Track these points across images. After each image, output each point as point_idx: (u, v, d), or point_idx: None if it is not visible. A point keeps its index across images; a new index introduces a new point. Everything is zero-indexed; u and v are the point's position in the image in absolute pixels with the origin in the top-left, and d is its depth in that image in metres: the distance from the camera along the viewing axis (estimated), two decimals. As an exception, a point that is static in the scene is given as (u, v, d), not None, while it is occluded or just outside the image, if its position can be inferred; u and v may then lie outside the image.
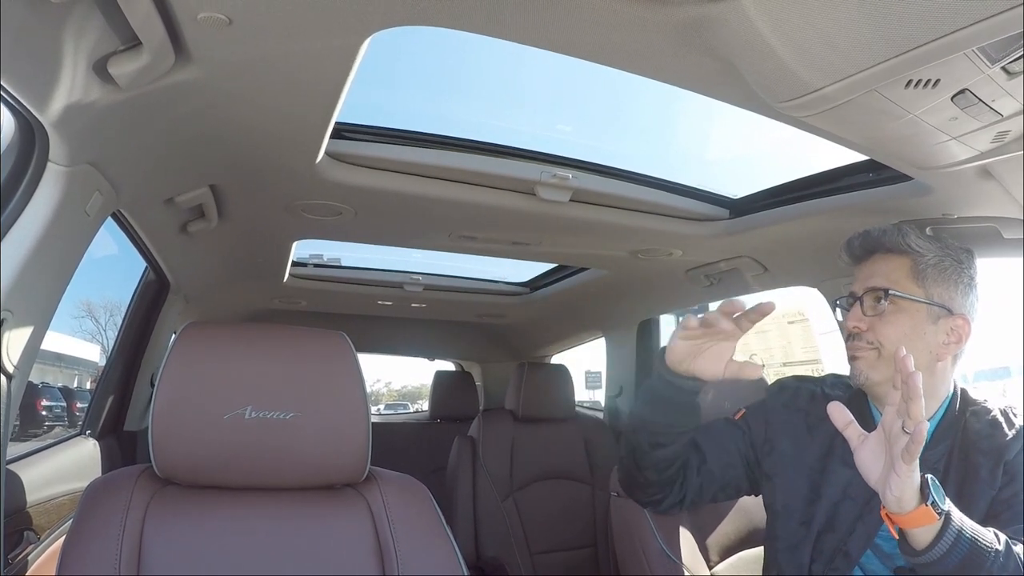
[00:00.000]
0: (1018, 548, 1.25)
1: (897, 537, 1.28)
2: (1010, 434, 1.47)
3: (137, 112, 1.37)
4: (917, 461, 1.19)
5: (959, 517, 1.23)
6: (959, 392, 1.56)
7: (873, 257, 1.60)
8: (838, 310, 1.66)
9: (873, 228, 1.60)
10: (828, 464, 1.57)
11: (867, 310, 1.53)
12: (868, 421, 1.55)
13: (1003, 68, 1.12)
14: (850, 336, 1.57)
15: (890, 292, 1.51)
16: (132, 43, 1.17)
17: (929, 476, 1.22)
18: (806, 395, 1.69)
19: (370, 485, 1.44)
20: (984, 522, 1.31)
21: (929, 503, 1.19)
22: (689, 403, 1.53)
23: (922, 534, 1.22)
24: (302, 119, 1.53)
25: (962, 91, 1.18)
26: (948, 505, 1.22)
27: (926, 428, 1.16)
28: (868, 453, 1.27)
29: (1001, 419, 1.49)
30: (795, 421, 1.65)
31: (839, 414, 1.31)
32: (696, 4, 1.07)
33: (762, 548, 1.88)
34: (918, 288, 1.51)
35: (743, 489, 1.72)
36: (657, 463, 1.59)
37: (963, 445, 1.48)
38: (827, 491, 1.55)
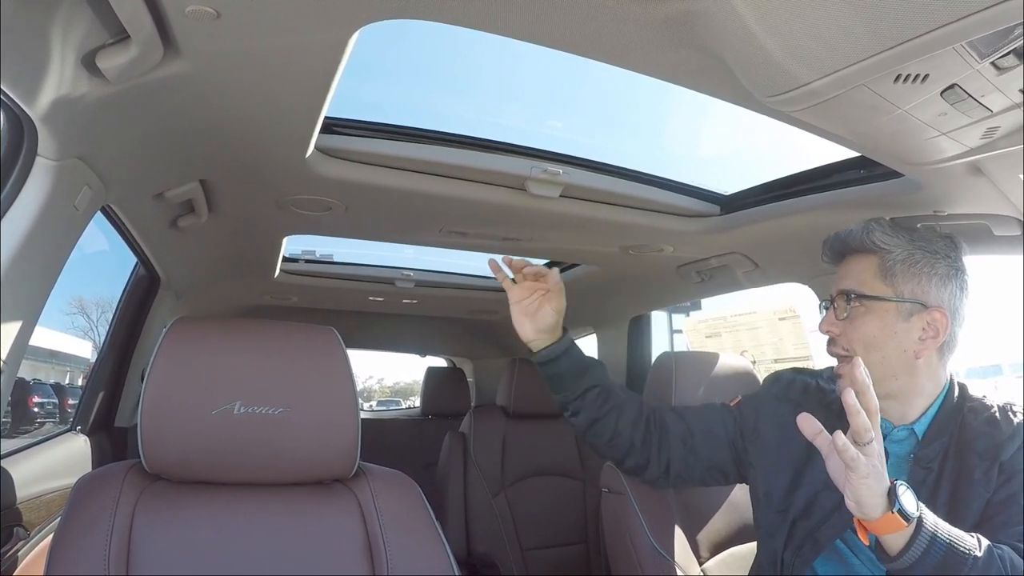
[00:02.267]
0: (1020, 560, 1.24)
1: (867, 543, 1.28)
2: (1007, 433, 1.44)
3: (126, 106, 1.36)
4: (874, 472, 1.19)
5: (933, 521, 1.22)
6: (956, 387, 1.54)
7: (846, 259, 1.60)
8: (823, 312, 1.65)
9: (843, 229, 1.59)
10: (812, 454, 1.55)
11: (838, 313, 1.53)
12: None
13: (993, 63, 1.12)
14: (828, 341, 1.57)
15: (854, 294, 1.50)
16: (120, 36, 1.17)
17: (899, 481, 1.22)
18: (799, 387, 1.69)
19: (359, 481, 1.44)
20: (978, 524, 1.31)
21: (895, 510, 1.19)
22: (570, 366, 1.67)
23: (893, 540, 1.22)
24: (292, 113, 1.53)
25: (951, 86, 1.18)
26: (921, 510, 1.22)
27: (845, 442, 1.18)
28: (836, 461, 1.25)
29: (999, 417, 1.47)
30: (784, 411, 1.64)
31: (808, 425, 1.30)
32: (684, -2, 1.07)
33: (752, 544, 1.89)
34: (886, 287, 1.49)
35: (730, 475, 1.73)
36: (595, 422, 1.67)
37: (959, 443, 1.46)
38: (808, 480, 1.55)
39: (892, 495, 1.20)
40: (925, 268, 1.49)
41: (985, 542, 1.24)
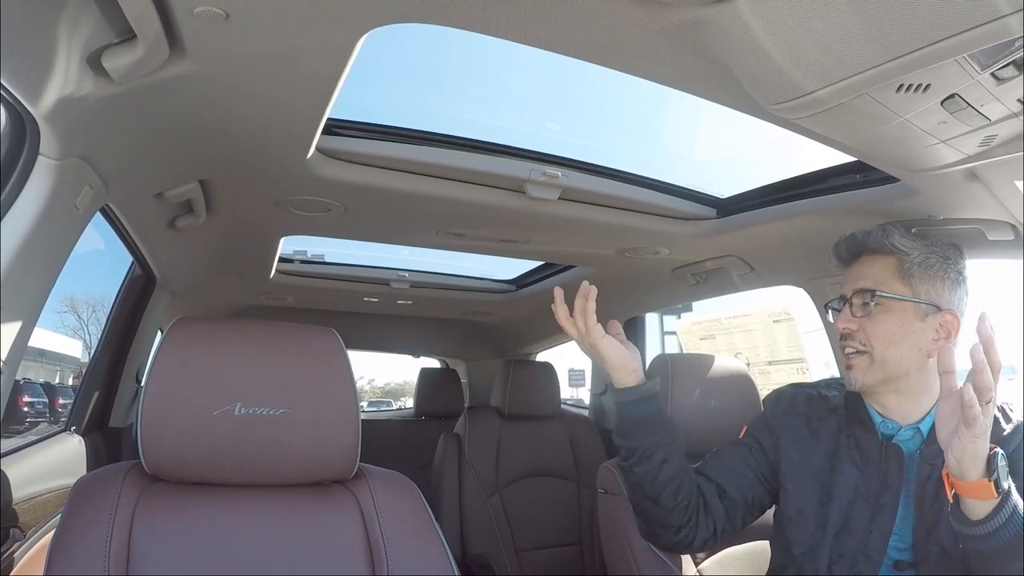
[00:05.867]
0: None
1: (952, 501, 1.28)
2: (1007, 429, 1.47)
3: (130, 106, 1.36)
4: (985, 434, 1.20)
5: (1017, 496, 1.24)
6: None
7: (860, 259, 1.61)
8: (830, 312, 1.66)
9: (859, 231, 1.61)
10: (836, 464, 1.57)
11: (856, 311, 1.55)
12: (866, 421, 1.57)
13: (992, 74, 1.14)
14: (841, 337, 1.58)
15: (877, 293, 1.52)
16: (127, 36, 1.16)
17: (1000, 451, 1.23)
18: (803, 399, 1.70)
19: (359, 482, 1.44)
20: None
21: (992, 479, 1.21)
22: (656, 410, 1.57)
23: (977, 506, 1.23)
24: (295, 114, 1.53)
25: (952, 96, 1.20)
26: (1009, 483, 1.24)
27: (973, 397, 1.17)
28: (947, 408, 1.27)
29: (999, 415, 1.49)
30: (797, 425, 1.65)
31: (947, 360, 1.28)
32: (692, 6, 1.08)
33: (749, 544, 1.90)
34: (904, 287, 1.52)
35: (766, 504, 1.71)
36: (667, 484, 1.56)
37: None
38: (838, 492, 1.55)
39: (992, 463, 1.22)
40: (939, 272, 1.53)
41: None
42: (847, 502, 1.53)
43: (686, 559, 1.90)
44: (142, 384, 1.37)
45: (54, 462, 1.97)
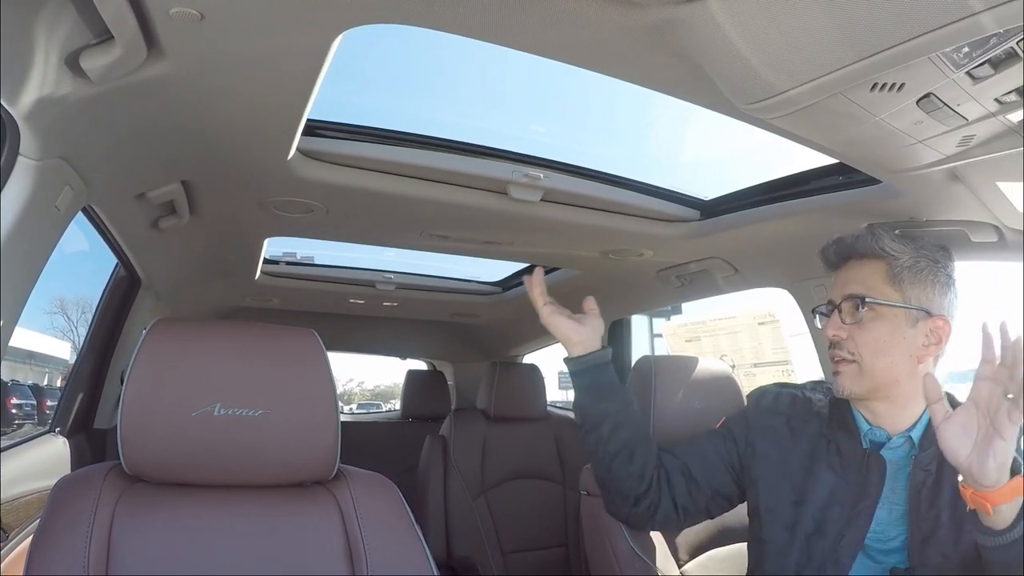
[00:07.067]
0: None
1: (974, 516, 1.26)
2: None
3: (109, 106, 1.36)
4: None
5: None
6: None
7: (848, 263, 1.59)
8: (818, 317, 1.63)
9: (847, 234, 1.59)
10: (813, 467, 1.55)
11: (846, 318, 1.52)
12: (851, 427, 1.55)
13: (968, 73, 1.14)
14: (830, 344, 1.56)
15: (867, 299, 1.49)
16: (104, 37, 1.17)
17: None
18: (787, 399, 1.68)
19: (339, 483, 1.44)
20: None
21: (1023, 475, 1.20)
22: (606, 380, 1.64)
23: (1009, 510, 1.21)
24: (274, 115, 1.53)
25: (927, 95, 1.20)
26: None
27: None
28: (957, 428, 1.24)
29: None
30: (776, 424, 1.64)
31: (933, 388, 1.28)
32: (664, 6, 1.08)
33: (732, 547, 1.90)
34: (895, 292, 1.49)
35: (733, 498, 1.70)
36: (618, 452, 1.59)
37: None
38: (812, 495, 1.53)
39: (1015, 462, 1.21)
40: (929, 276, 1.51)
41: None
42: (821, 506, 1.52)
43: (669, 561, 1.90)
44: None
45: (38, 463, 1.96)
